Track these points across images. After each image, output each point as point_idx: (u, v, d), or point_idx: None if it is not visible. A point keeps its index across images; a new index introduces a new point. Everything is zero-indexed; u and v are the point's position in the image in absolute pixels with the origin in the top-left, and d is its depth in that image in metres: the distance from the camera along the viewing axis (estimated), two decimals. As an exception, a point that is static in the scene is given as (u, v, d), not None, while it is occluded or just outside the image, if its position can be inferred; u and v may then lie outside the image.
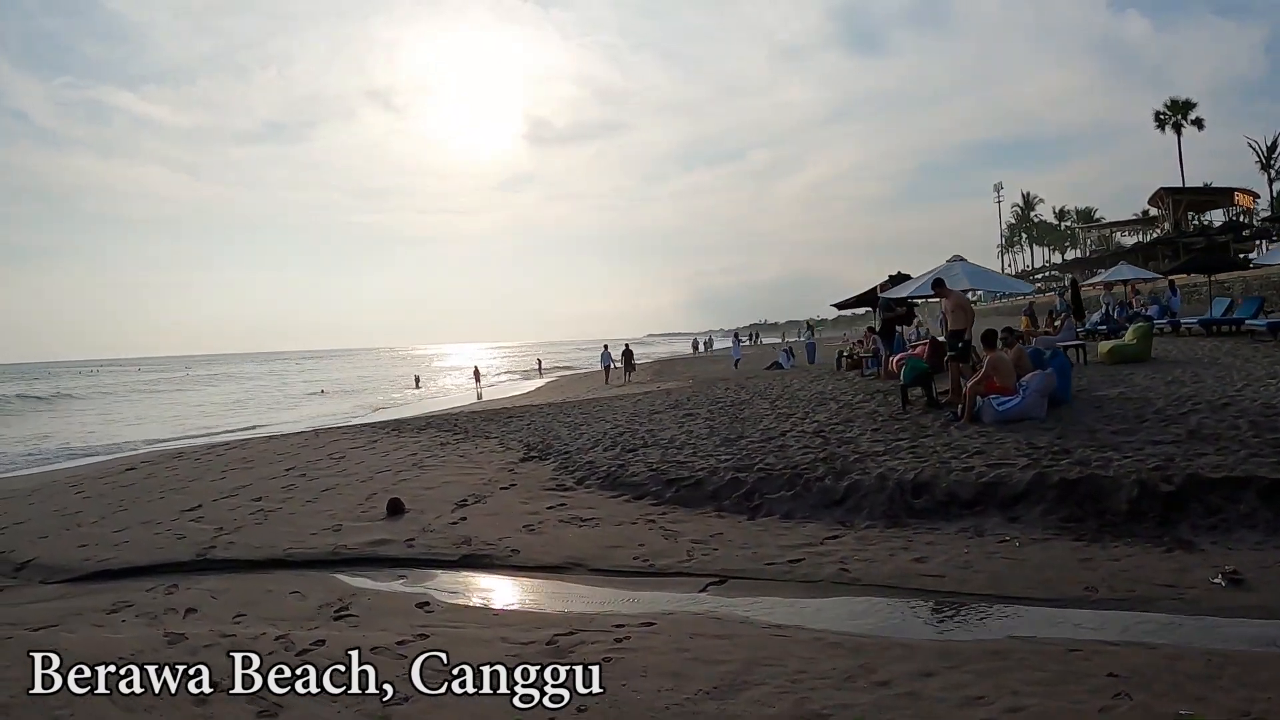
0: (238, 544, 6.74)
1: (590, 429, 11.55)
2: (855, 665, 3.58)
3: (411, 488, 8.50)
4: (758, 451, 7.98)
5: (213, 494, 8.77)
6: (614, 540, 6.05)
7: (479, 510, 7.44)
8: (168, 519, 7.71)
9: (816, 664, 3.63)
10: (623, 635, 4.15)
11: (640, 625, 4.31)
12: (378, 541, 6.61)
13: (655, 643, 4.04)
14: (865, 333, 21.32)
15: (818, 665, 3.61)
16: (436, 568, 5.96)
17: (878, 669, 3.52)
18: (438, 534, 6.71)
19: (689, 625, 4.31)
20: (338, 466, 10.07)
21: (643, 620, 4.39)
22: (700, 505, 6.74)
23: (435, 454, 10.61)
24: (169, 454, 12.71)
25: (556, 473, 8.72)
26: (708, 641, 4.01)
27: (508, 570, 5.78)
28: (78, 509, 8.51)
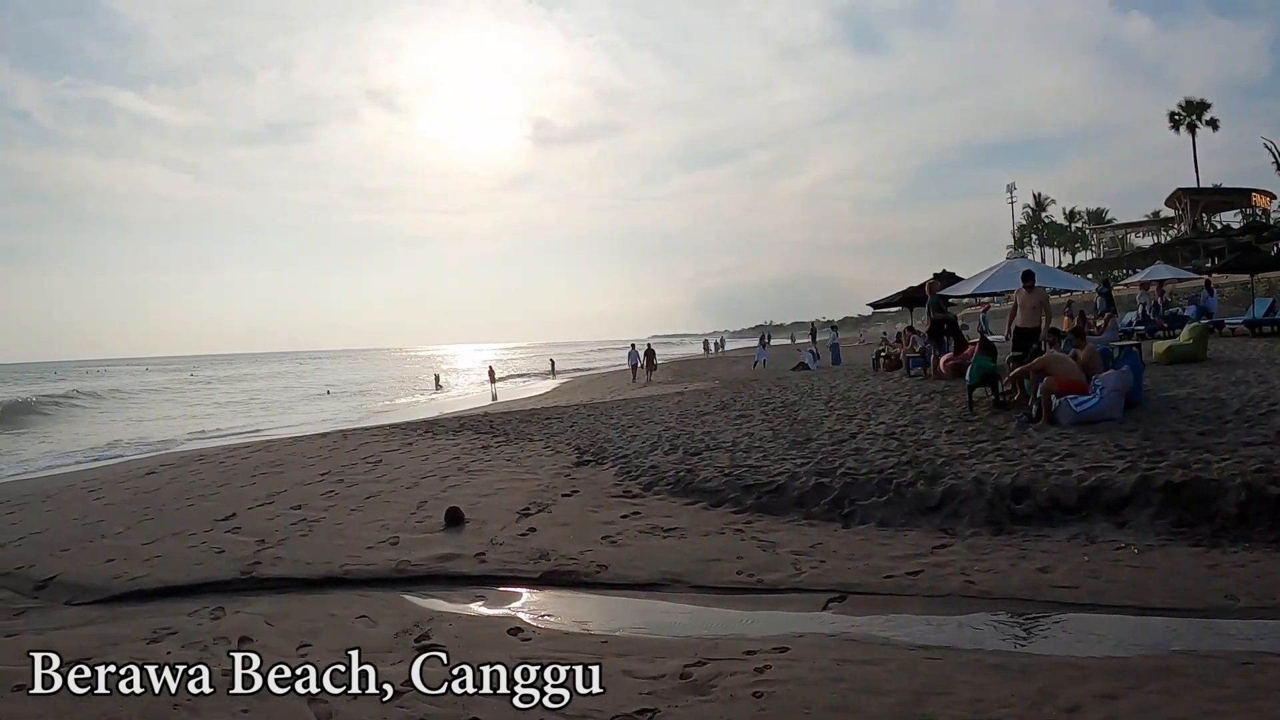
0: (285, 559, 5.99)
1: (640, 431, 10.92)
2: (1033, 690, 3.28)
3: (464, 495, 7.78)
4: (833, 455, 7.50)
5: (246, 501, 8.01)
6: (706, 552, 5.49)
7: (546, 520, 6.74)
8: (201, 529, 6.95)
9: (991, 690, 3.31)
10: (761, 664, 3.69)
11: (774, 650, 3.85)
12: (444, 556, 5.88)
13: (800, 671, 3.60)
14: (904, 332, 20.68)
15: (993, 691, 3.29)
16: (516, 586, 5.31)
17: (1058, 693, 3.23)
18: (509, 547, 6.01)
19: (828, 649, 3.89)
20: (377, 471, 9.33)
21: (775, 645, 3.93)
22: (785, 513, 6.26)
23: (479, 458, 9.87)
24: (190, 456, 11.95)
25: (619, 478, 8.06)
26: (857, 668, 3.61)
27: (597, 588, 5.19)
28: (99, 517, 7.75)
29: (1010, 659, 3.69)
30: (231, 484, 9.05)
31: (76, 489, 9.68)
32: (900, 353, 19.37)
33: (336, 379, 51.39)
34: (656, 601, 4.88)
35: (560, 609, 4.90)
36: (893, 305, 20.85)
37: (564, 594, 5.15)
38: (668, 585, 5.04)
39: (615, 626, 4.55)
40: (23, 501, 9.11)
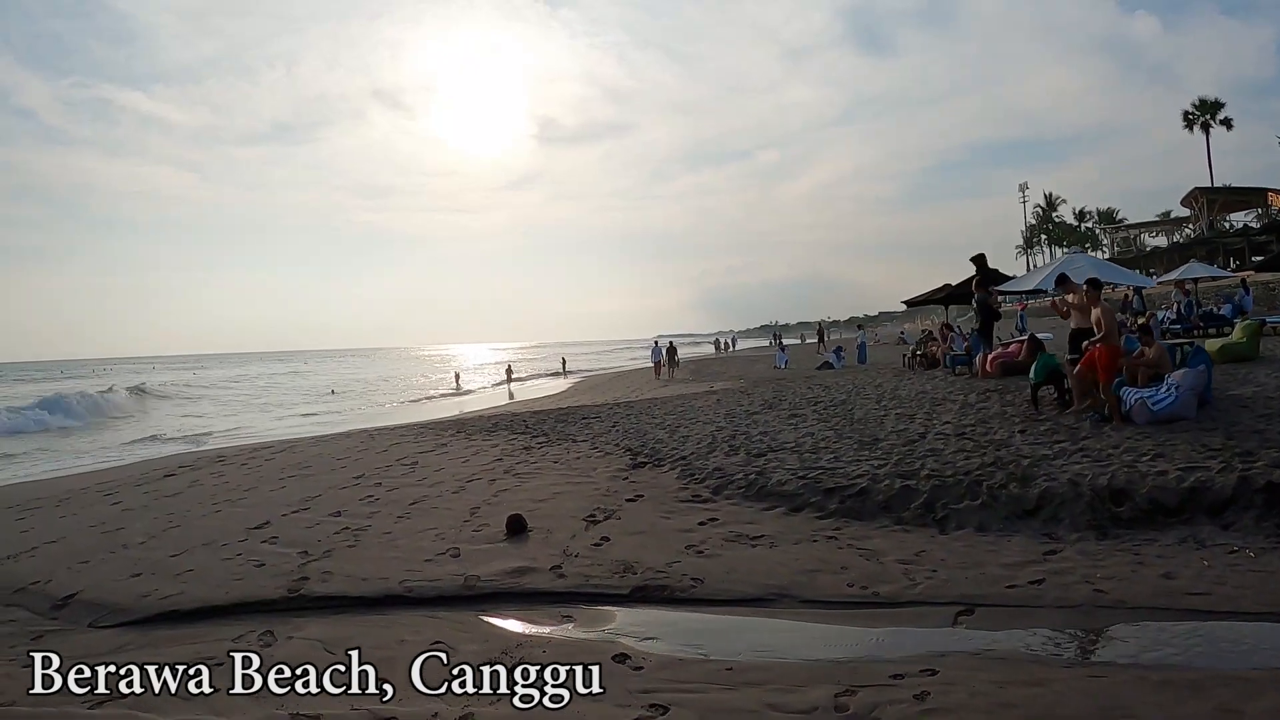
0: (336, 574, 5.29)
1: (691, 431, 10.26)
2: (1210, 708, 3.00)
3: (518, 500, 7.10)
4: (908, 456, 7.07)
5: (278, 507, 7.32)
6: (805, 563, 5.00)
7: (617, 528, 6.07)
8: (234, 539, 6.26)
9: (1174, 710, 3.02)
10: (916, 689, 3.30)
11: (921, 673, 3.45)
12: (517, 571, 5.20)
13: (961, 697, 3.21)
14: (941, 329, 20.03)
15: (1177, 711, 3.01)
16: (603, 603, 4.70)
17: (1243, 710, 2.96)
18: (586, 559, 5.35)
19: (981, 670, 3.51)
20: (415, 474, 8.63)
21: (920, 667, 3.53)
22: (873, 518, 5.83)
23: (523, 459, 9.18)
24: (209, 457, 11.25)
25: (683, 481, 7.44)
26: (1022, 691, 3.25)
27: (695, 604, 4.62)
28: (119, 524, 7.05)
29: (1174, 674, 3.37)
30: (259, 488, 8.35)
31: (91, 492, 8.98)
32: (938, 351, 18.82)
33: (344, 377, 50.53)
34: (764, 619, 4.39)
35: (662, 630, 4.32)
36: (931, 302, 20.17)
37: (659, 612, 4.58)
38: (773, 600, 4.55)
39: (732, 650, 4.01)
40: (34, 506, 8.41)
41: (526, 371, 43.37)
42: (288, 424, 21.60)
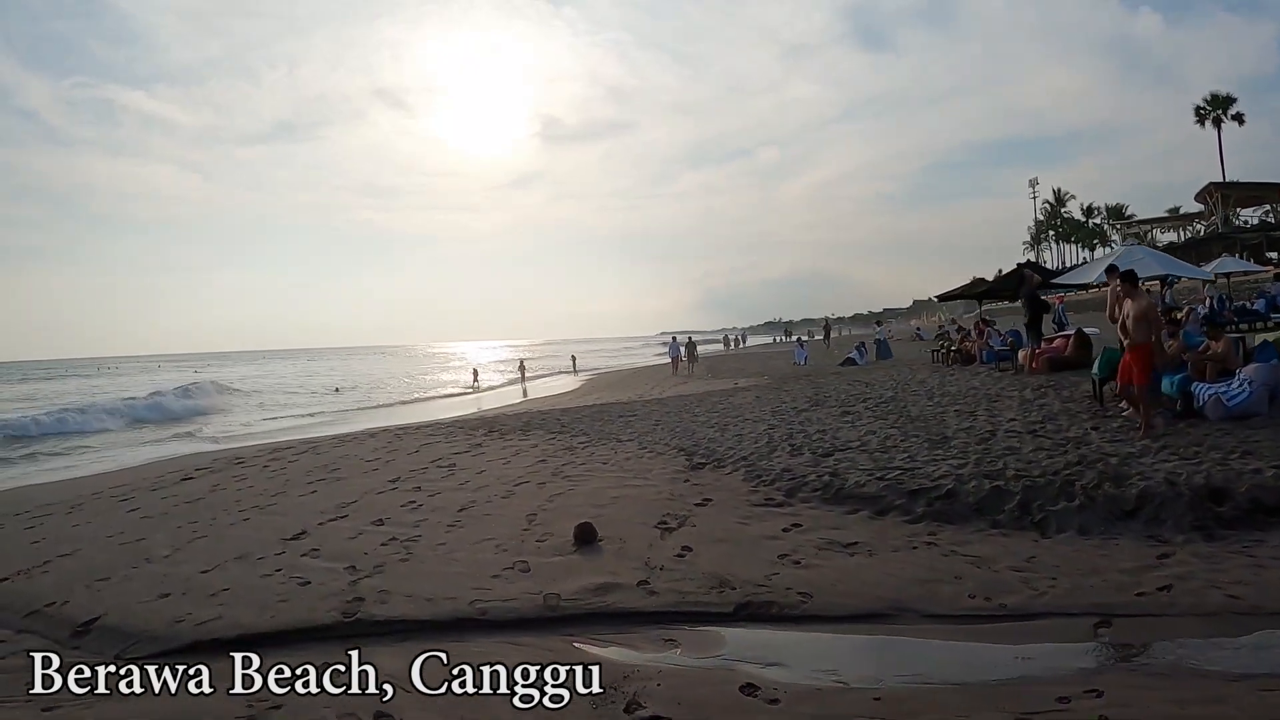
0: (394, 593, 4.63)
1: (742, 429, 9.72)
2: None
3: (575, 505, 6.49)
4: (985, 455, 6.69)
5: (313, 514, 6.66)
6: (914, 572, 4.58)
7: (695, 535, 5.48)
8: (270, 552, 5.60)
9: None
10: (1094, 712, 2.97)
11: (1087, 694, 3.12)
12: (600, 588, 4.58)
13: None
14: (977, 324, 19.47)
15: None
16: (705, 623, 4.16)
17: None
18: (673, 572, 4.76)
19: (1148, 688, 3.19)
20: (455, 476, 7.98)
21: (1084, 687, 3.19)
22: (966, 521, 5.43)
23: (569, 460, 8.54)
24: (227, 459, 10.55)
25: (751, 483, 6.88)
26: (1206, 709, 2.97)
27: (806, 622, 4.13)
28: (139, 534, 6.38)
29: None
30: (287, 492, 7.69)
31: (104, 497, 8.30)
32: (974, 346, 18.24)
33: (354, 375, 49.57)
34: (889, 637, 3.96)
35: (782, 653, 3.81)
36: (967, 297, 19.64)
37: (769, 632, 4.06)
38: (892, 616, 4.12)
39: (869, 675, 3.56)
40: (43, 513, 7.72)
41: (534, 370, 42.66)
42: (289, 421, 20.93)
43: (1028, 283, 15.01)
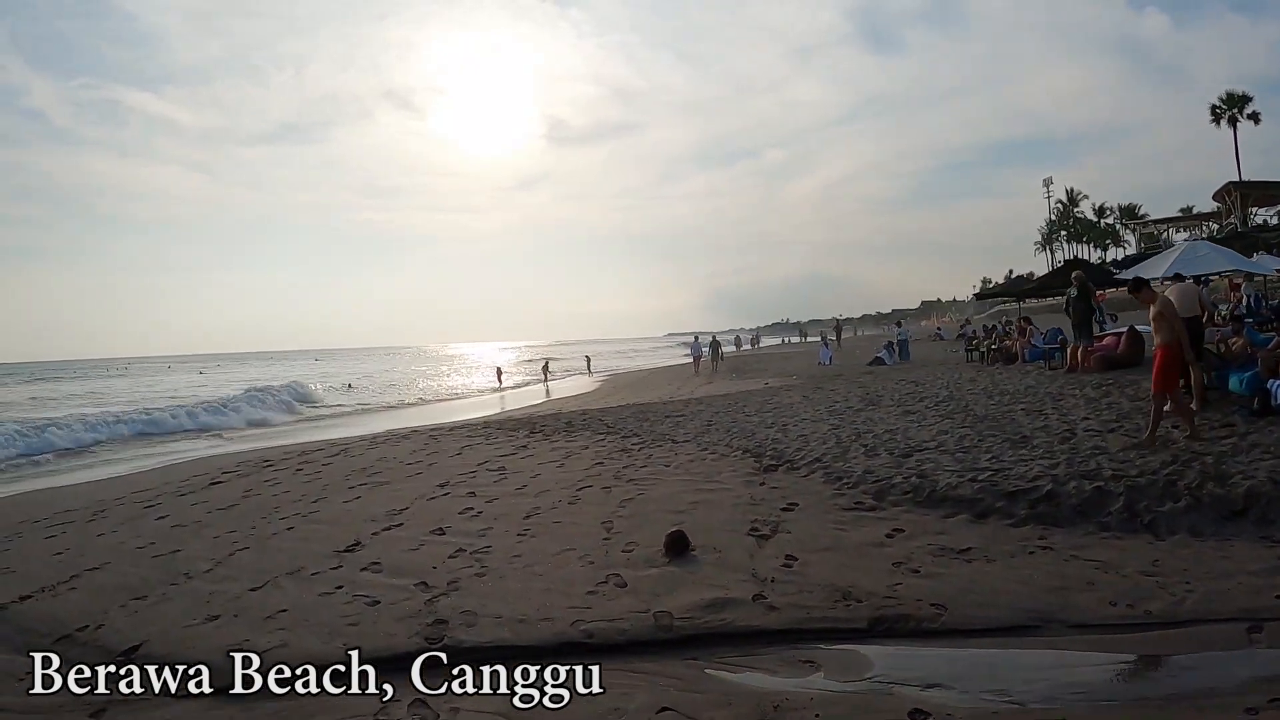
0: (481, 615, 4.00)
1: (807, 430, 9.19)
2: None
3: (651, 511, 5.93)
4: (1074, 455, 6.39)
5: (363, 522, 6.03)
6: (1043, 579, 4.19)
7: (795, 543, 4.95)
8: (324, 565, 4.97)
9: None
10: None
11: (1271, 704, 2.85)
12: (713, 604, 4.03)
13: None
14: (1019, 323, 18.87)
15: None
16: (838, 641, 3.69)
17: None
18: (787, 584, 4.25)
19: None
20: (509, 480, 7.35)
21: (1269, 697, 2.90)
22: (1072, 523, 5.11)
23: (628, 463, 7.92)
24: (254, 461, 9.93)
25: (832, 486, 6.38)
26: None
27: (945, 636, 3.71)
28: (173, 545, 5.75)
29: None
30: (329, 498, 7.06)
31: (129, 503, 7.67)
32: (1016, 344, 17.67)
33: (369, 374, 48.66)
34: (1041, 651, 3.54)
35: (937, 672, 3.33)
36: (995, 295, 19.04)
37: (910, 648, 3.63)
38: (1035, 627, 3.75)
39: (1041, 694, 3.13)
40: (62, 520, 7.11)
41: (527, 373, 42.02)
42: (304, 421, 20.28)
43: (1079, 283, 14.46)
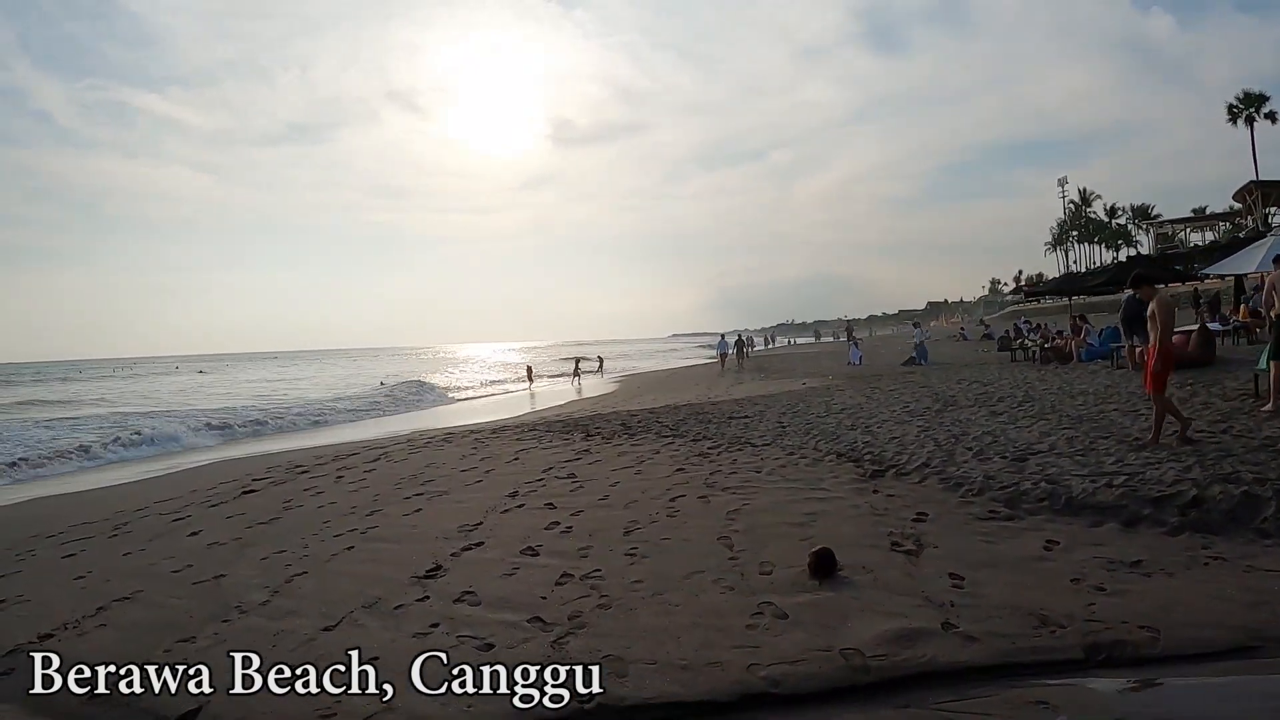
0: (629, 661, 3.15)
1: (893, 432, 8.52)
2: None
3: (768, 524, 5.16)
4: (1201, 457, 5.93)
5: (435, 540, 5.16)
6: (1235, 593, 3.70)
7: (951, 559, 4.29)
8: (407, 596, 4.10)
9: None
10: None
11: None
12: (900, 636, 3.31)
13: None
14: (1073, 322, 18.09)
15: None
16: (1056, 674, 3.07)
17: None
18: (969, 609, 3.59)
19: None
20: (587, 490, 6.48)
21: None
22: (1230, 532, 4.64)
23: (714, 469, 7.08)
24: (285, 466, 9.04)
25: (954, 493, 5.77)
26: None
27: (1167, 663, 3.13)
28: (215, 568, 4.86)
29: None
30: (385, 510, 6.18)
31: (154, 515, 6.79)
32: (1069, 344, 16.92)
33: (388, 375, 47.49)
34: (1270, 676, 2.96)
35: (1186, 708, 2.49)
36: (1040, 294, 18.27)
37: (1136, 679, 2.93)
38: (1257, 648, 3.24)
39: None
40: (80, 535, 6.23)
41: (556, 370, 41.19)
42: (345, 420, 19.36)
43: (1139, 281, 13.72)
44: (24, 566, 5.41)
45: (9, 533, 6.74)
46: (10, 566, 5.42)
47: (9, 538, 6.47)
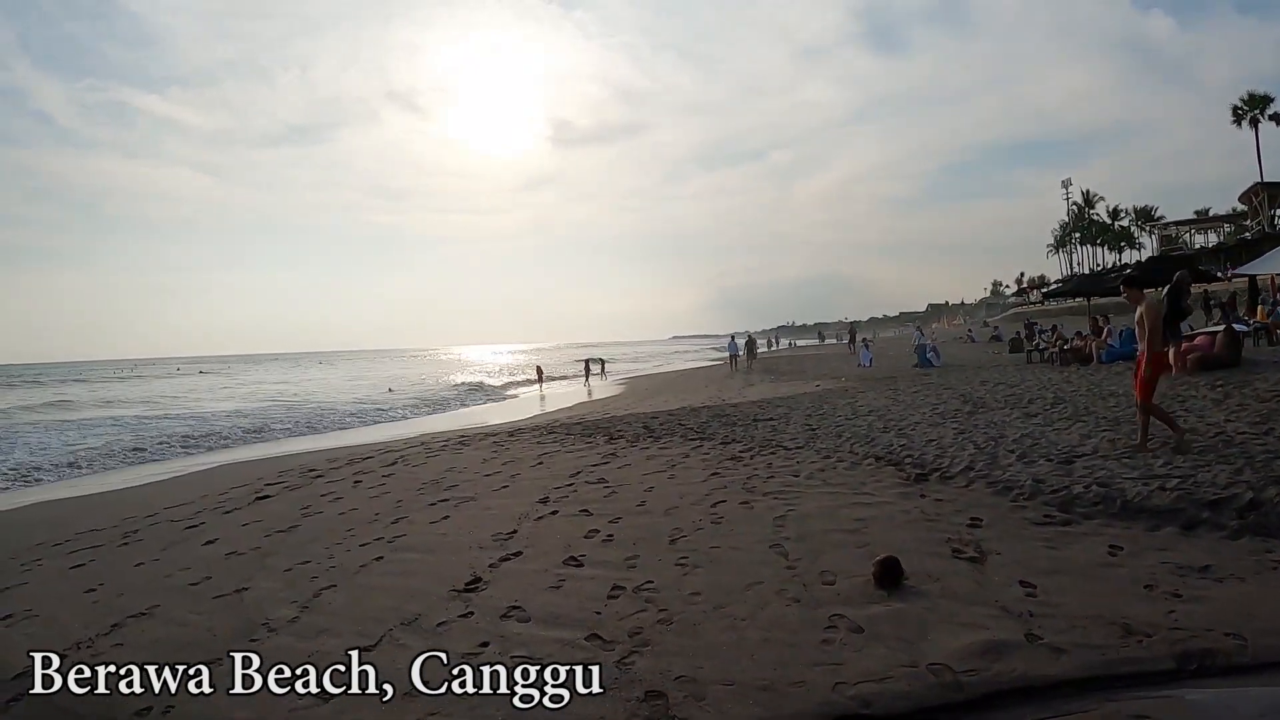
0: (706, 683, 2.88)
1: (928, 434, 8.26)
2: None
3: (820, 531, 4.88)
4: (1249, 459, 5.72)
5: (470, 550, 4.85)
6: None
7: (1017, 566, 4.03)
8: (448, 611, 3.80)
9: None
10: None
11: None
12: (986, 648, 3.08)
13: None
14: (1092, 322, 17.81)
15: None
16: (1151, 686, 2.86)
17: None
18: (1048, 620, 3.34)
19: None
20: (621, 496, 6.18)
21: None
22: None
23: (750, 473, 6.79)
24: (298, 470, 8.73)
25: (1004, 497, 5.53)
26: None
27: (1258, 672, 2.92)
28: (235, 580, 4.55)
29: None
30: (411, 518, 5.88)
31: (165, 522, 6.48)
32: (1090, 345, 16.66)
33: (394, 378, 47.12)
34: None
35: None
36: (1079, 294, 18.02)
37: (1232, 691, 2.83)
38: None
39: None
40: (89, 542, 5.92)
41: (559, 373, 40.87)
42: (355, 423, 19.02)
43: (1180, 281, 13.47)
44: (30, 578, 5.10)
45: (13, 540, 6.44)
46: (15, 578, 5.12)
47: (13, 545, 6.17)
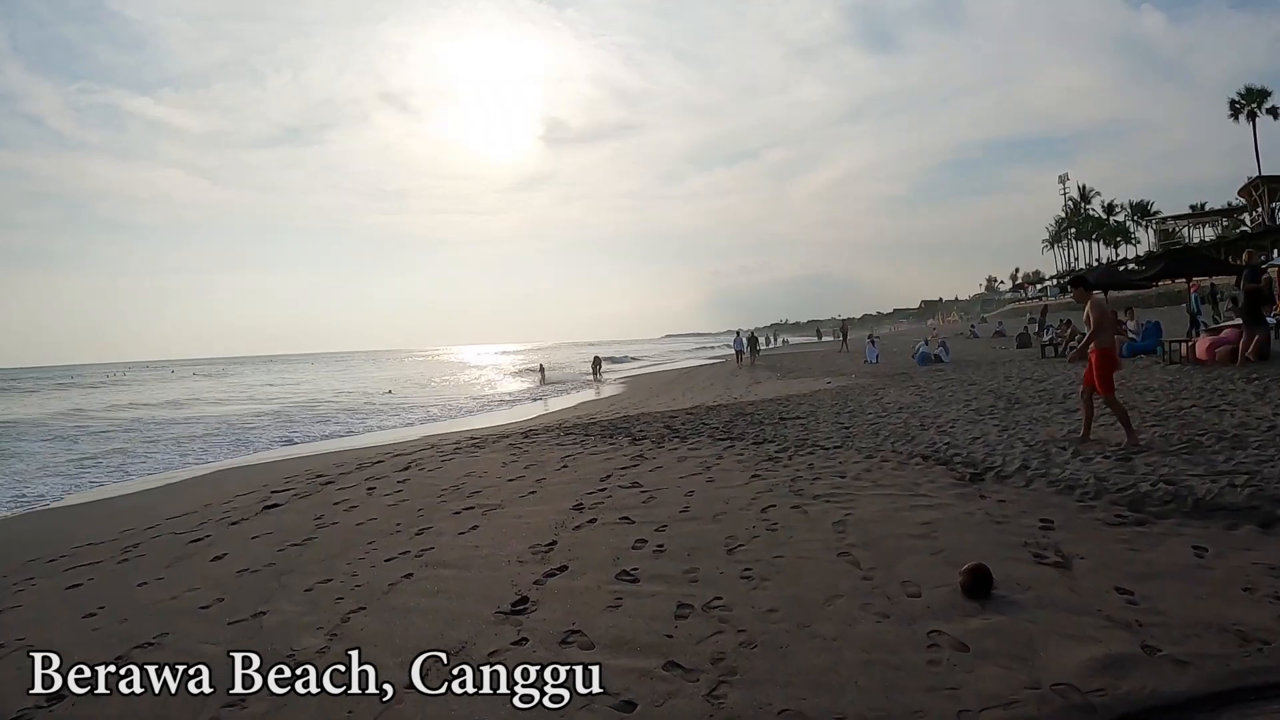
0: (809, 716, 2.48)
1: (971, 431, 7.95)
2: None
3: (885, 536, 4.53)
4: None
5: (509, 565, 4.43)
6: None
7: (1103, 571, 3.76)
8: (499, 639, 3.38)
9: None
10: None
11: None
12: (1106, 664, 2.82)
13: None
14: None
15: None
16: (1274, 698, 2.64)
17: None
18: (1159, 628, 3.08)
19: None
20: (659, 501, 5.76)
21: None
22: None
23: (794, 474, 6.39)
24: (305, 477, 8.26)
25: (1068, 496, 5.16)
26: None
27: None
28: (252, 603, 4.11)
29: None
30: (436, 528, 5.44)
31: (167, 535, 6.02)
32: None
33: (395, 380, 46.43)
34: None
35: None
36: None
37: None
38: None
39: None
40: (87, 559, 5.46)
41: (560, 374, 40.37)
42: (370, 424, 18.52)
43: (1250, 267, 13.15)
44: (23, 600, 4.65)
45: (3, 556, 5.97)
46: (8, 599, 4.66)
47: (3, 563, 5.70)
